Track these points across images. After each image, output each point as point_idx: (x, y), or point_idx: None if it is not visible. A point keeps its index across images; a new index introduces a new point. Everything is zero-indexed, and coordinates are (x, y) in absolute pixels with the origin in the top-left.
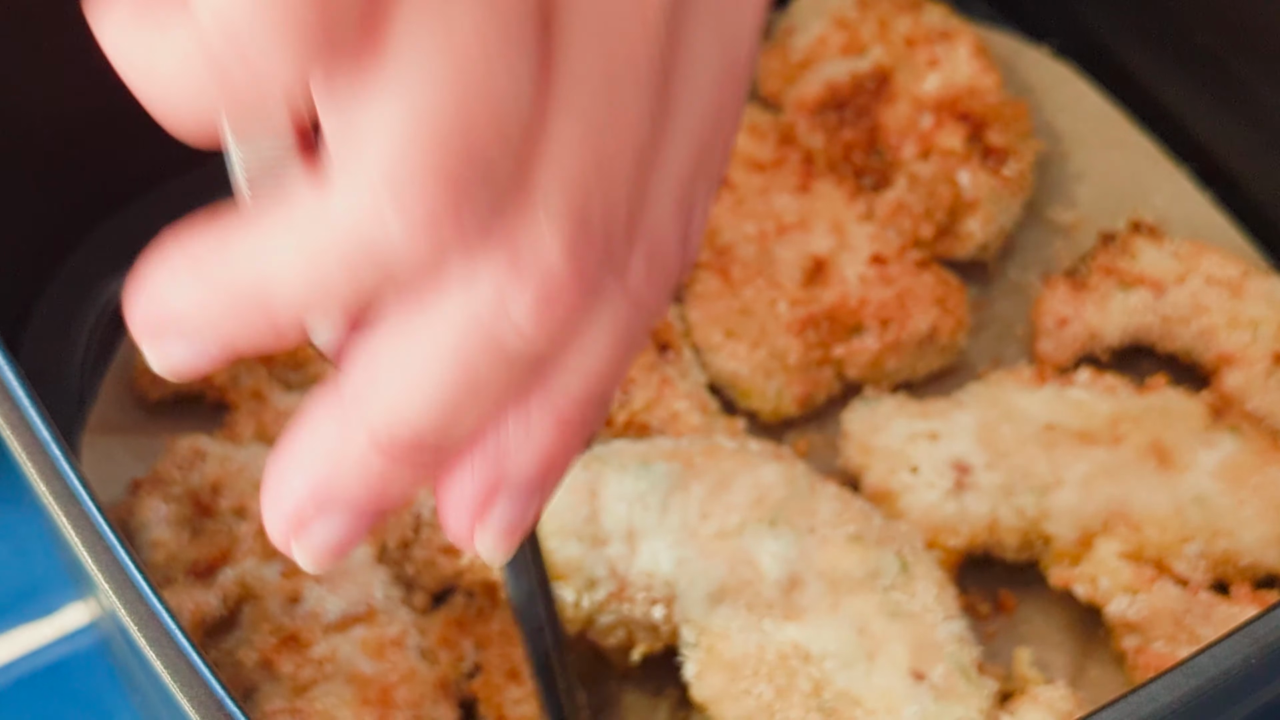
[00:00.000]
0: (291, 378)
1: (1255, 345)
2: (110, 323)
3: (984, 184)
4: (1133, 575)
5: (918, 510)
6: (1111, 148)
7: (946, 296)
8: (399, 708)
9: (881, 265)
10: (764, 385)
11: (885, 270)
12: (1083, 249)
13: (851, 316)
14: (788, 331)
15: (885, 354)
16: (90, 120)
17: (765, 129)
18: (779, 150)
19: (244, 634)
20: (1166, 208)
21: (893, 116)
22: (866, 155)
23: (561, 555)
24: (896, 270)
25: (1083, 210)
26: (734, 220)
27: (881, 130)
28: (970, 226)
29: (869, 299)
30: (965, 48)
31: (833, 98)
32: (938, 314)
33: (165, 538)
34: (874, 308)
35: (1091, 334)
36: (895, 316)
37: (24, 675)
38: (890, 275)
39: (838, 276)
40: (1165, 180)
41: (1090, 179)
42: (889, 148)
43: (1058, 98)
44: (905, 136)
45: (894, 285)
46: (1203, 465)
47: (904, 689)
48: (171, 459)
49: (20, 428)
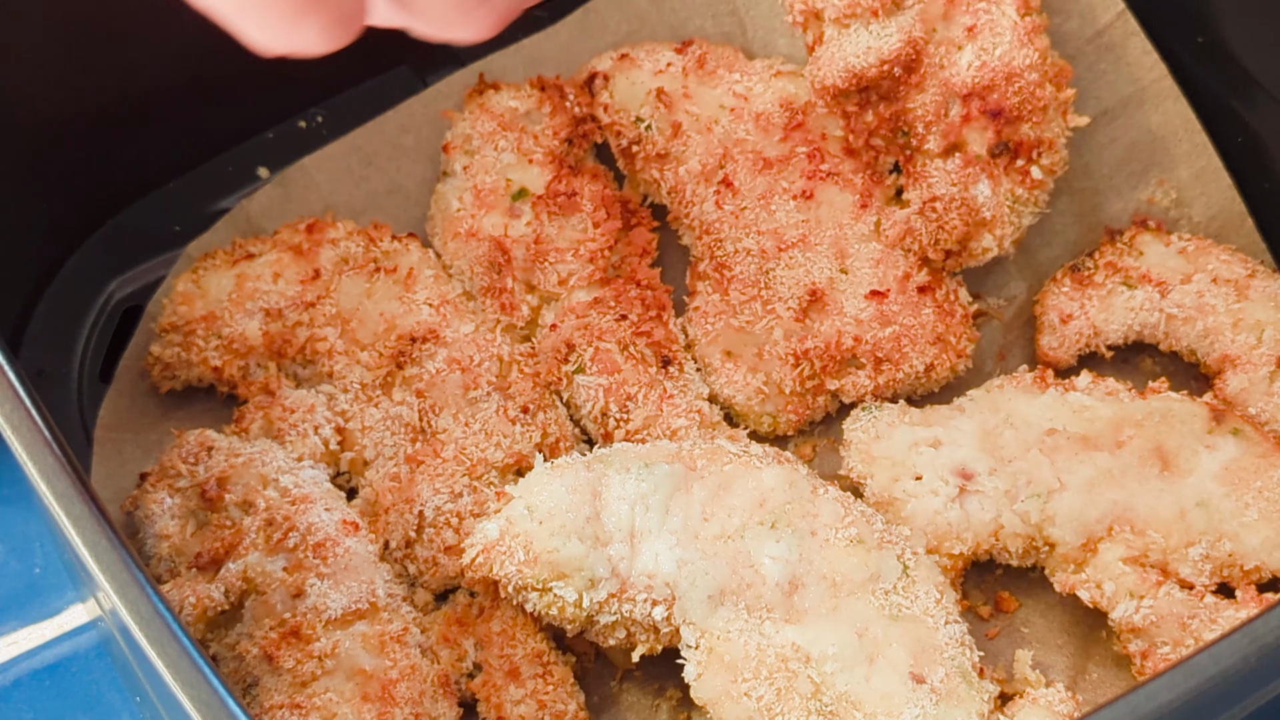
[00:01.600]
0: (301, 373)
1: (1260, 348)
2: (110, 322)
3: (1005, 195)
4: (1137, 580)
5: (921, 518)
6: (1149, 110)
7: (948, 331)
8: (399, 703)
9: (880, 300)
10: (759, 410)
11: (883, 307)
12: (1094, 220)
13: (846, 354)
14: (783, 362)
15: (881, 390)
16: (90, 121)
17: (774, 115)
18: (786, 141)
19: (246, 627)
20: (1188, 184)
21: (920, 103)
22: (889, 138)
23: (563, 555)
24: (896, 305)
25: (1101, 179)
26: (735, 230)
27: (906, 116)
28: (985, 243)
29: (863, 338)
30: (1011, 4)
31: (855, 83)
32: (936, 353)
33: (171, 530)
34: (869, 346)
35: (1094, 331)
36: (890, 356)
37: (25, 674)
38: (888, 314)
39: (835, 308)
40: (1195, 154)
41: (1118, 146)
42: (915, 134)
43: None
44: (931, 127)
45: (891, 324)
46: (1205, 469)
47: (904, 692)
48: (179, 452)
49: (22, 428)
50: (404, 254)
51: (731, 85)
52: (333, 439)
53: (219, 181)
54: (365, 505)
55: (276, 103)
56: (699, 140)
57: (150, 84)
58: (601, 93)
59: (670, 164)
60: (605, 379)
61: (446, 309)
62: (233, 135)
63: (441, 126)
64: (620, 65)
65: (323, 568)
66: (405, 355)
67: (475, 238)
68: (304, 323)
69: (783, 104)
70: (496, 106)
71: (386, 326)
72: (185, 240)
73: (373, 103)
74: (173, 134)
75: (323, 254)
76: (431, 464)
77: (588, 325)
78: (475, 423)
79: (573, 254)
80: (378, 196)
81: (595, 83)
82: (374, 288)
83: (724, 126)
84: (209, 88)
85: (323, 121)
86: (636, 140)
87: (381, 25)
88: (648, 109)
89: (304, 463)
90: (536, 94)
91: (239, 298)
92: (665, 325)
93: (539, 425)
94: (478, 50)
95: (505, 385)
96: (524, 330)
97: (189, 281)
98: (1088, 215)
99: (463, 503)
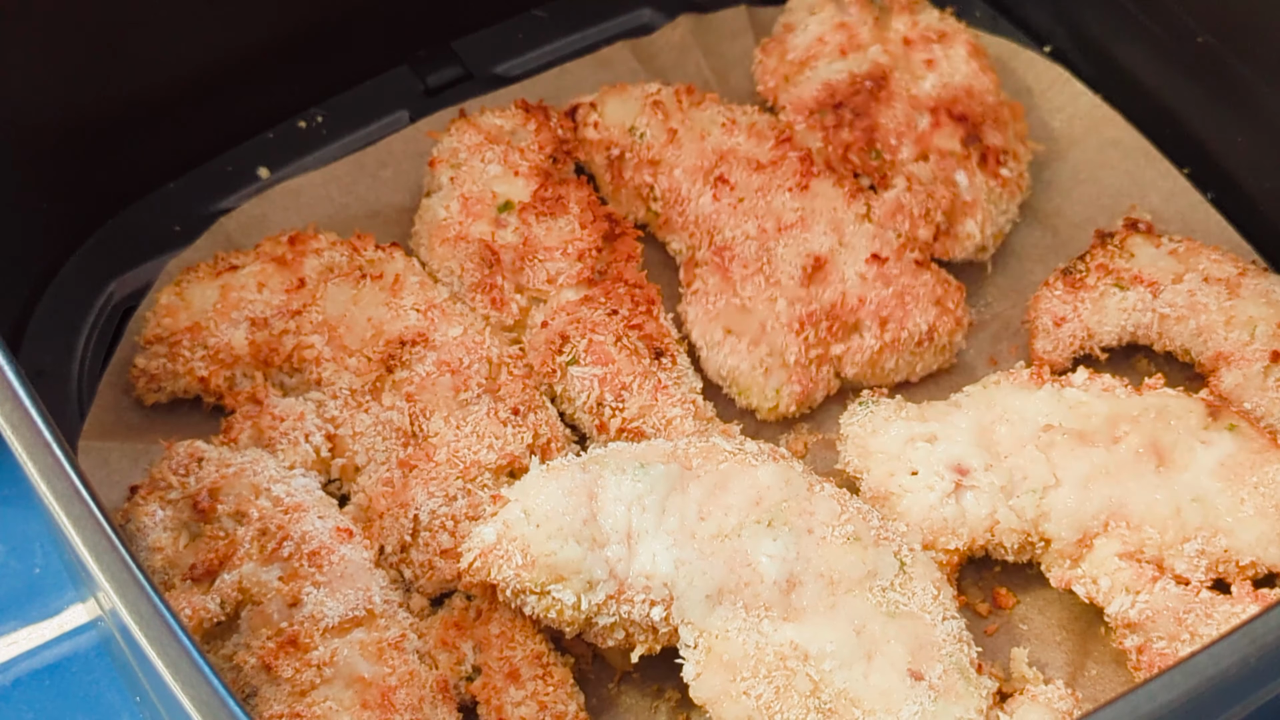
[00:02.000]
0: (288, 381)
1: (1253, 344)
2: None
3: (981, 185)
4: (1133, 575)
5: (917, 513)
6: (1108, 147)
7: (945, 296)
8: (399, 710)
9: (880, 264)
10: (763, 382)
11: (884, 269)
12: (1079, 247)
13: (850, 315)
14: (787, 330)
15: (884, 353)
16: (90, 121)
17: (764, 129)
18: (777, 149)
19: (243, 638)
20: (1162, 206)
21: (890, 117)
22: (864, 156)
23: (561, 557)
24: (895, 269)
25: (1079, 209)
26: (734, 219)
27: (879, 131)
28: (969, 228)
29: (867, 297)
30: (962, 48)
31: (830, 98)
32: (936, 313)
33: (164, 542)
34: (873, 306)
35: (1088, 333)
36: (894, 315)
37: (25, 674)
38: (889, 275)
39: (837, 275)
40: (1161, 178)
41: (1086, 178)
42: (887, 148)
43: (1055, 98)
44: (903, 138)
45: (893, 284)
46: (1201, 464)
47: (902, 689)
48: (169, 463)
49: (22, 427)
50: (389, 261)
51: (720, 111)
52: (323, 446)
53: (219, 181)
54: (358, 511)
55: (276, 103)
56: (693, 146)
57: (150, 85)
58: (589, 115)
59: (664, 168)
60: (600, 369)
61: (434, 313)
62: (233, 135)
63: (421, 162)
64: (609, 92)
65: (318, 576)
66: (394, 359)
67: (464, 240)
68: (290, 331)
69: (771, 125)
70: (483, 123)
71: (374, 332)
72: (185, 240)
73: (373, 103)
74: (173, 134)
75: (307, 263)
76: (424, 468)
77: (579, 319)
78: (466, 425)
79: (560, 253)
80: (357, 220)
81: (580, 110)
82: (360, 294)
83: (716, 138)
84: (209, 88)
85: (323, 121)
86: (629, 149)
87: None
88: (643, 118)
89: (295, 471)
90: (521, 114)
91: (224, 308)
92: (656, 319)
93: (530, 426)
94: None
95: (495, 387)
96: (513, 332)
97: (172, 294)
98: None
99: (457, 506)
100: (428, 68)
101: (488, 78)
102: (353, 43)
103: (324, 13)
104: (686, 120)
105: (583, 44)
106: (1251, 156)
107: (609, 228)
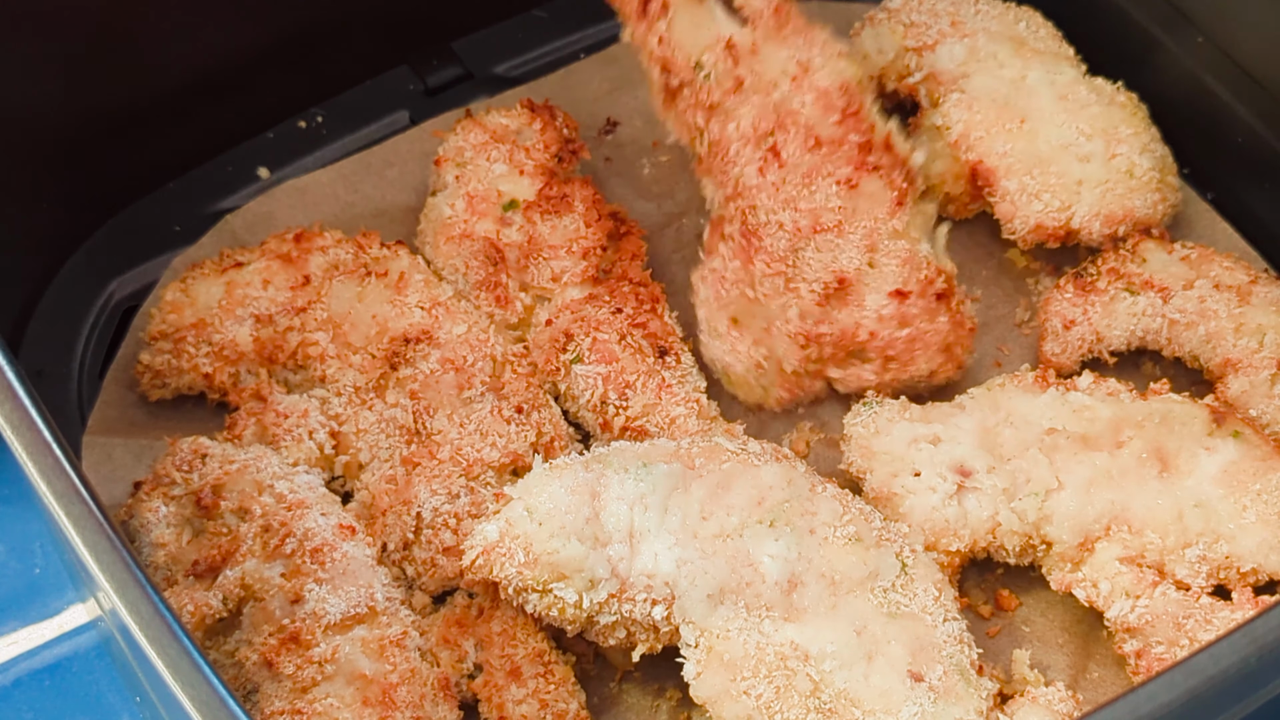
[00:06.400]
0: (292, 378)
1: (1261, 352)
2: (110, 322)
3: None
4: (1133, 580)
5: (919, 514)
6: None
7: (956, 342)
8: (400, 707)
9: (902, 300)
10: (754, 380)
11: (903, 307)
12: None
13: (858, 346)
14: (791, 341)
15: (879, 387)
16: (90, 121)
17: (834, 99)
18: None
19: (245, 634)
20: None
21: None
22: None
23: (563, 556)
24: (915, 308)
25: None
26: (773, 201)
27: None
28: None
29: (880, 334)
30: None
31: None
32: (941, 361)
33: (167, 538)
34: (882, 343)
35: (1097, 337)
36: (900, 357)
37: (25, 674)
38: (907, 315)
39: (858, 301)
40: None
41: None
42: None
43: None
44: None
45: (908, 327)
46: (1204, 471)
47: (902, 690)
48: (173, 459)
49: (22, 428)
50: (394, 259)
51: (798, 52)
52: (327, 443)
53: (219, 181)
54: (361, 509)
55: (276, 103)
56: (756, 101)
57: (150, 85)
58: (659, 20)
59: (719, 117)
60: (604, 367)
61: (438, 311)
62: (233, 135)
63: (426, 161)
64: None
65: (320, 573)
66: (399, 357)
67: (469, 238)
68: (295, 328)
69: (841, 88)
70: (489, 123)
71: (379, 329)
72: (185, 240)
73: (373, 103)
74: (172, 134)
75: (312, 260)
76: (427, 465)
77: (584, 318)
78: (470, 423)
79: (565, 251)
80: (363, 218)
81: (652, 6)
82: (365, 292)
83: (782, 93)
84: (209, 88)
85: (323, 121)
86: (689, 83)
87: None
88: (710, 57)
89: (299, 468)
90: (526, 113)
91: (229, 305)
92: (660, 318)
93: (533, 425)
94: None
95: (499, 385)
96: (517, 330)
97: (177, 290)
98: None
99: (460, 503)
100: (428, 68)
101: (488, 78)
102: (353, 43)
103: (324, 13)
104: (756, 68)
105: (583, 44)
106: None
107: (614, 226)
